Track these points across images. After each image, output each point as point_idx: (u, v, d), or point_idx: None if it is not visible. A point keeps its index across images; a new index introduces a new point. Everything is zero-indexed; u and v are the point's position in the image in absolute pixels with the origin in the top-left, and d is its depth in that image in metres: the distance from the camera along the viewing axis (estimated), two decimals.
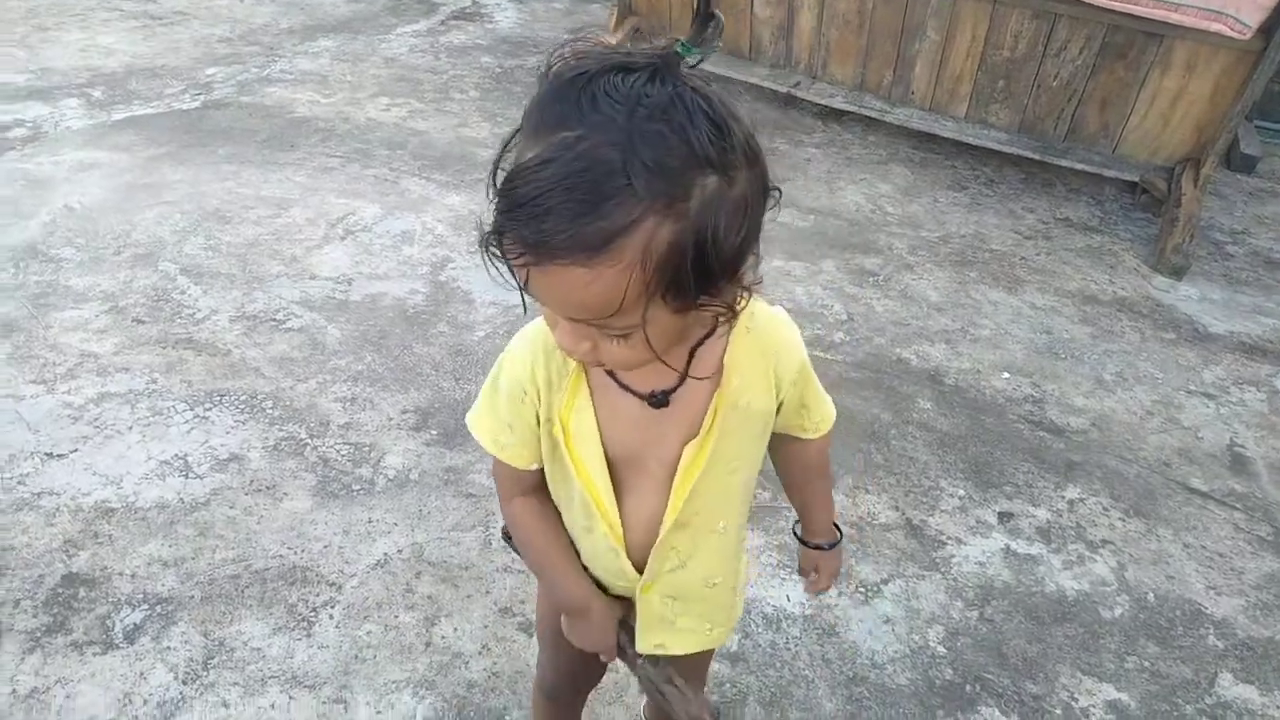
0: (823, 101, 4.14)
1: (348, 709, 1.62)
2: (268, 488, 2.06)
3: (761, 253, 0.81)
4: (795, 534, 1.26)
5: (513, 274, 0.75)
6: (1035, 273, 3.30)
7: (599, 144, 0.68)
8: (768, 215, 0.80)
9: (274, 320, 2.62)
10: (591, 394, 0.96)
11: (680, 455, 0.97)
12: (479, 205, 3.28)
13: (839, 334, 2.83)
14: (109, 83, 4.04)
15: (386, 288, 2.81)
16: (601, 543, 1.04)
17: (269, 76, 4.27)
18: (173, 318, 2.58)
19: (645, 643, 1.13)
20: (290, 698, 1.63)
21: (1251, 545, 2.22)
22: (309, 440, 2.21)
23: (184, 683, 1.64)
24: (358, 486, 2.09)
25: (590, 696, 1.54)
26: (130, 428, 2.18)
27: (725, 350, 0.94)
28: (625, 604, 1.13)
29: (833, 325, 2.87)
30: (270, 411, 2.28)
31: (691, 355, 0.92)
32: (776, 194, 0.79)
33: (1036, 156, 3.78)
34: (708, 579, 1.08)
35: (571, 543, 1.10)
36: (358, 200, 3.27)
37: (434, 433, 2.27)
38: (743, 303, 0.81)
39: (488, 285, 2.87)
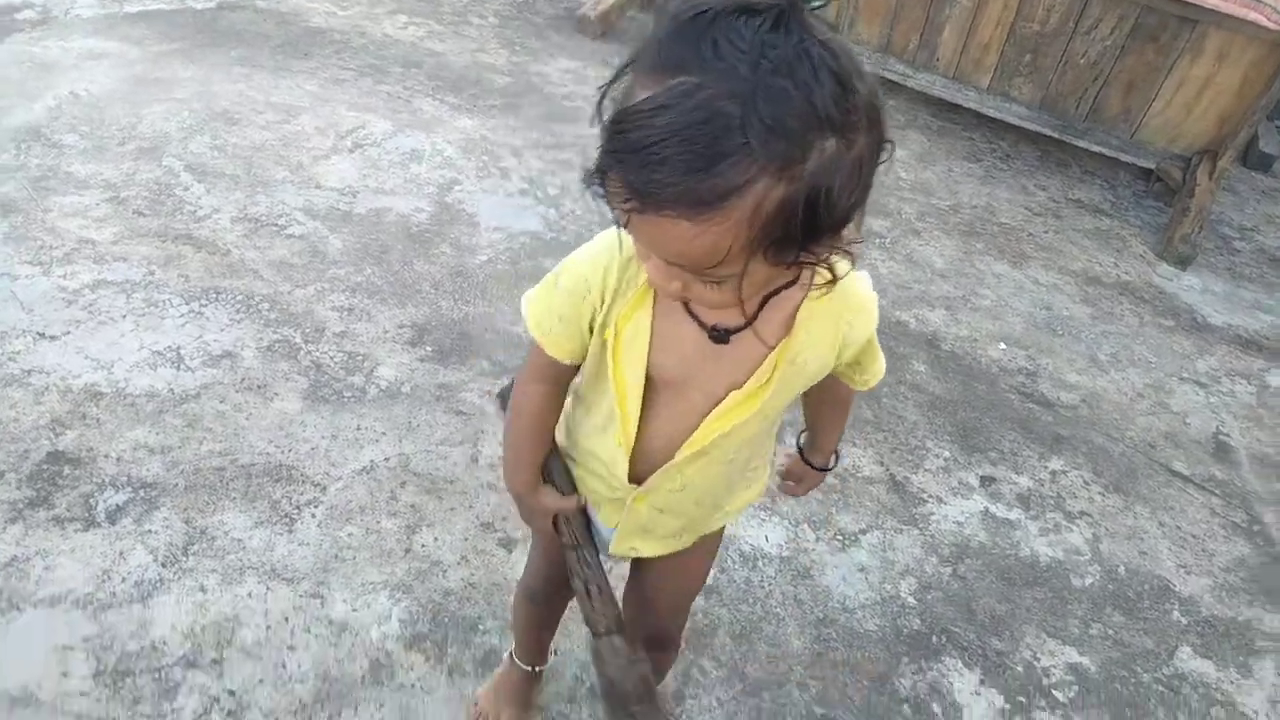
0: None
1: (324, 604, 1.64)
2: (259, 387, 2.07)
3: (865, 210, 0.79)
4: (798, 444, 1.29)
5: (613, 212, 0.73)
6: (1042, 249, 3.29)
7: (719, 95, 0.65)
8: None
9: (276, 225, 2.60)
10: (654, 311, 0.94)
11: (724, 395, 0.96)
12: (490, 131, 3.26)
13: None
14: None
15: (392, 203, 2.79)
16: (609, 449, 1.05)
17: None
18: (174, 213, 2.56)
19: (620, 546, 1.16)
20: (268, 588, 1.65)
21: (1225, 530, 2.24)
22: (303, 345, 2.20)
23: (163, 565, 1.65)
24: (349, 394, 2.09)
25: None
26: (124, 316, 2.17)
27: (800, 304, 0.92)
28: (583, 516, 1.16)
29: None
30: (266, 313, 2.27)
31: (766, 301, 0.90)
32: (889, 146, 0.76)
33: (1055, 135, 3.75)
34: (699, 500, 1.10)
35: (546, 436, 1.12)
36: (368, 114, 3.23)
37: (429, 349, 2.27)
38: (839, 262, 0.80)
39: (493, 211, 2.85)
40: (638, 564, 1.28)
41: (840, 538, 2.00)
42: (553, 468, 1.15)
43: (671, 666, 1.52)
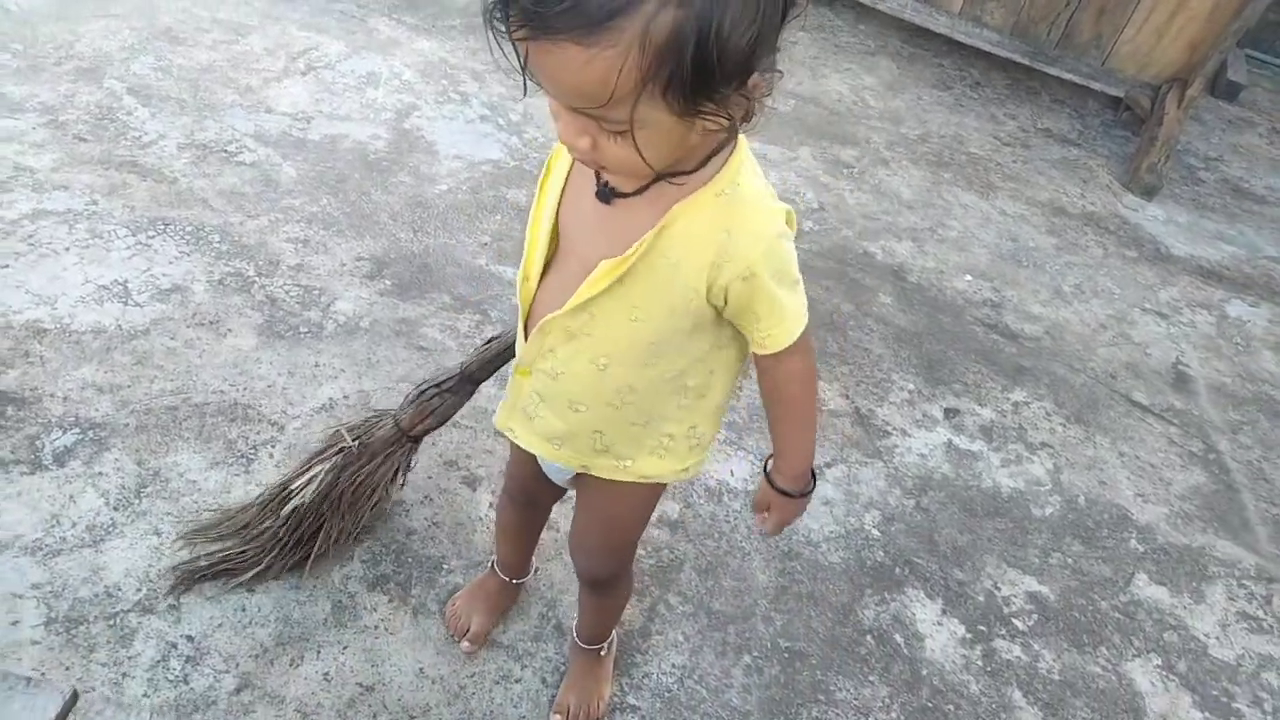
0: None
1: None
2: (211, 322, 2.00)
3: (775, 70, 0.77)
4: (764, 469, 1.13)
5: (516, 53, 0.72)
6: (1009, 179, 3.27)
7: None
8: (787, 35, 0.76)
9: (225, 152, 2.49)
10: (573, 165, 0.97)
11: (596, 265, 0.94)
12: (450, 53, 3.14)
13: (808, 222, 2.79)
14: None
15: (347, 129, 2.69)
16: (519, 301, 1.06)
17: None
18: (117, 138, 2.44)
19: (501, 418, 1.15)
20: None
21: (1182, 459, 2.28)
22: (256, 278, 2.13)
23: (115, 509, 1.61)
24: (305, 329, 2.04)
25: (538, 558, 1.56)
26: (67, 249, 2.08)
27: (693, 195, 0.89)
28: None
29: (803, 214, 2.82)
30: (217, 245, 2.19)
31: (659, 178, 0.87)
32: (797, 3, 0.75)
33: (1025, 62, 3.70)
34: (573, 402, 1.05)
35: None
36: (321, 35, 3.09)
37: (388, 283, 2.21)
38: (747, 114, 0.78)
39: (453, 138, 2.75)
40: (576, 504, 1.29)
41: None
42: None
43: (617, 610, 1.48)
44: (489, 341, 1.51)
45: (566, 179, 0.98)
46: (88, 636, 1.43)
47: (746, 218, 0.90)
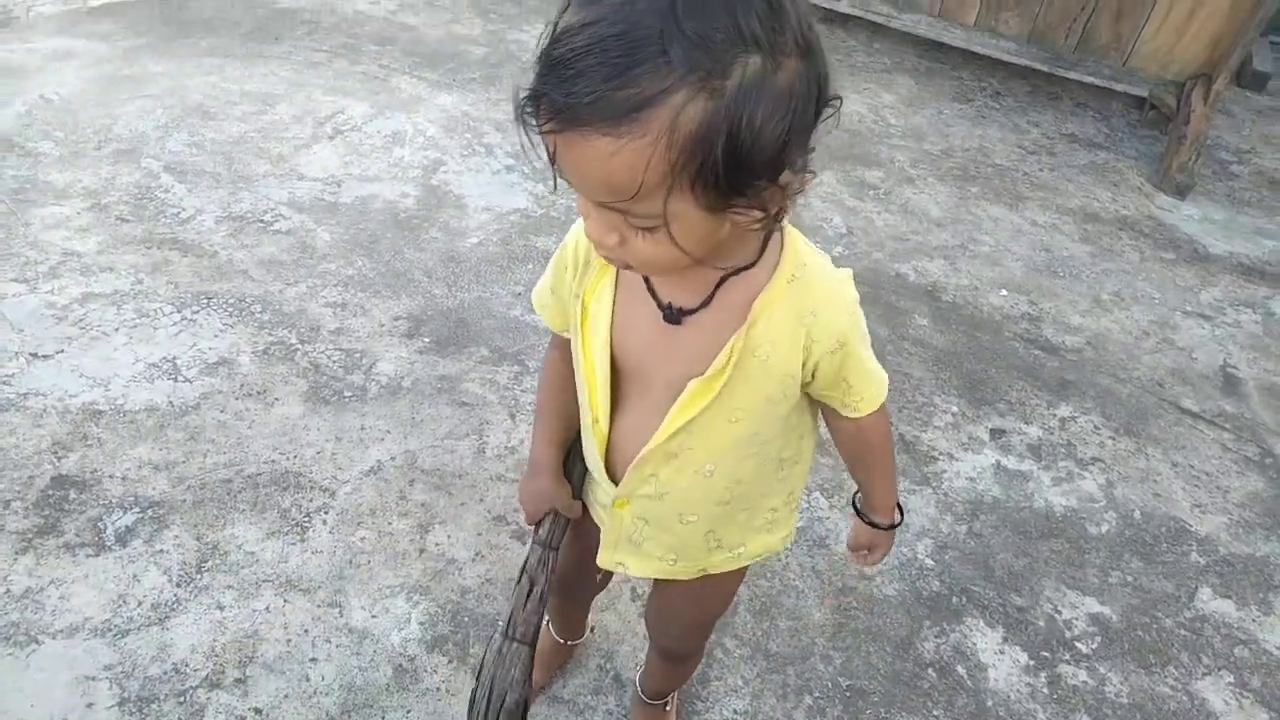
0: (828, 5, 4.00)
1: (342, 612, 1.64)
2: (258, 392, 2.04)
3: (810, 170, 0.76)
4: (855, 505, 1.18)
5: (547, 148, 0.72)
6: (1037, 189, 3.25)
7: (644, 10, 0.65)
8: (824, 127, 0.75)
9: (261, 221, 2.55)
10: (616, 288, 0.95)
11: (683, 386, 0.93)
12: (472, 106, 3.19)
13: (838, 248, 2.79)
14: None
15: (377, 190, 2.74)
16: (591, 444, 1.04)
17: None
18: (157, 216, 2.51)
19: (606, 557, 1.13)
20: (285, 600, 1.64)
21: (1238, 465, 2.24)
22: (299, 345, 2.18)
23: (178, 585, 1.64)
24: (349, 393, 2.07)
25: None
26: (117, 329, 2.14)
27: (760, 291, 0.88)
28: (587, 521, 1.14)
29: (832, 239, 2.83)
30: (259, 315, 2.24)
31: (722, 282, 0.88)
32: (836, 103, 0.75)
33: (1045, 68, 3.68)
34: (682, 515, 1.04)
35: (566, 409, 1.11)
36: (346, 98, 3.16)
37: (426, 340, 2.24)
38: (780, 212, 0.77)
39: (480, 190, 2.80)
40: (656, 583, 1.26)
41: None
42: (572, 469, 1.14)
43: (690, 673, 1.51)
44: (528, 592, 1.16)
45: (613, 307, 0.95)
46: (159, 715, 1.46)
47: (826, 294, 0.91)
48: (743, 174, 0.70)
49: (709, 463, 0.98)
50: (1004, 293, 2.72)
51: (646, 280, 0.91)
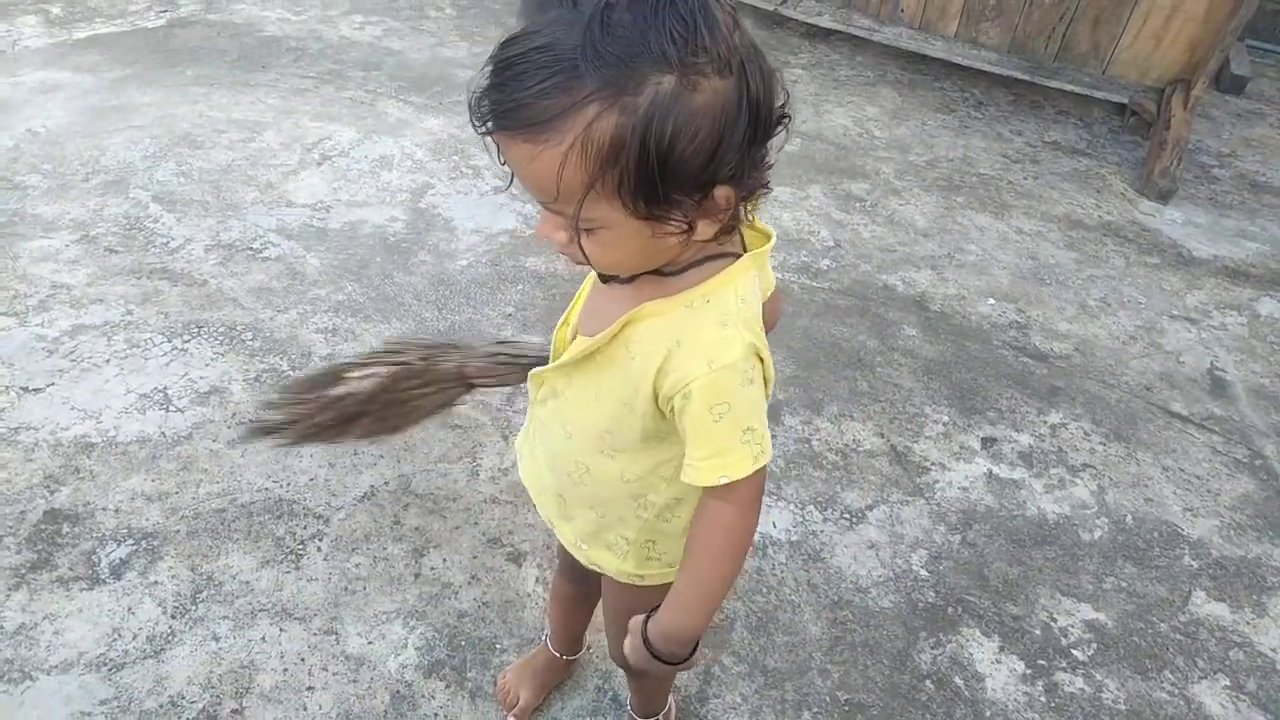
0: (809, 20, 4.04)
1: (339, 640, 1.63)
2: (250, 421, 2.04)
3: (763, 186, 0.80)
4: (643, 619, 0.99)
5: (497, 146, 0.77)
6: (1022, 197, 3.27)
7: (569, 26, 0.70)
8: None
9: (251, 249, 2.56)
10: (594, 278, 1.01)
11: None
12: (459, 129, 3.21)
13: (825, 260, 2.81)
14: None
15: (366, 215, 2.75)
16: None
17: None
18: (146, 247, 2.52)
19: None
20: (281, 629, 1.64)
21: (1228, 468, 2.25)
22: (291, 372, 2.18)
23: (173, 617, 1.64)
24: None
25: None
26: (107, 360, 2.14)
27: (659, 298, 0.87)
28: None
29: (819, 252, 2.84)
30: (250, 343, 2.25)
31: (655, 273, 0.87)
32: (785, 121, 0.78)
33: (1026, 78, 3.72)
34: (549, 457, 1.08)
35: None
36: (333, 124, 3.18)
37: None
38: (704, 230, 0.79)
39: (469, 212, 2.81)
40: None
41: (847, 516, 2.00)
42: None
43: (654, 697, 1.48)
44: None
45: (589, 288, 1.04)
46: None
47: (698, 336, 0.85)
48: (662, 187, 0.73)
49: (569, 423, 1.02)
50: (991, 301, 2.73)
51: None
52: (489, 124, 0.74)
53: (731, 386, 0.84)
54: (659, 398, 0.89)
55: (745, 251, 0.91)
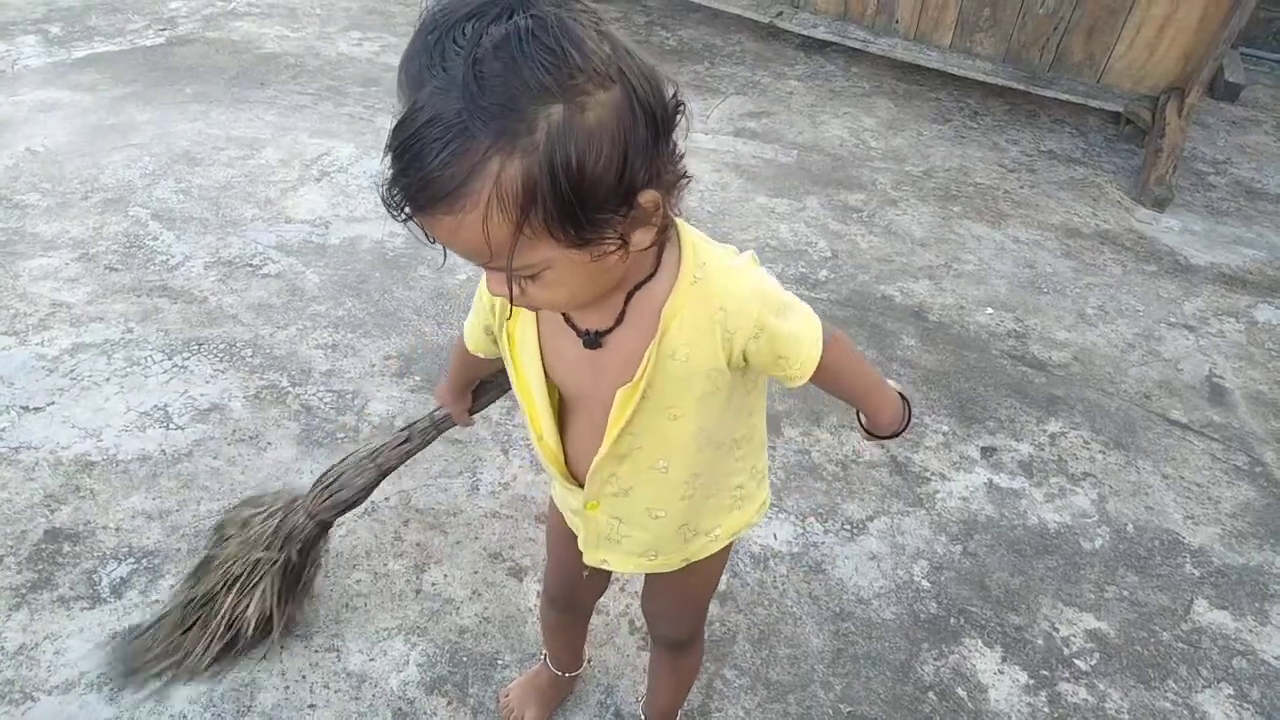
0: (805, 32, 4.06)
1: (340, 657, 1.63)
2: (251, 437, 2.04)
3: (681, 177, 0.81)
4: (860, 422, 1.18)
5: (422, 227, 0.77)
6: (1019, 206, 3.28)
7: (446, 92, 0.69)
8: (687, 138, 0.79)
9: (250, 266, 2.57)
10: (538, 320, 1.00)
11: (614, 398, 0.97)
12: None
13: (823, 271, 2.82)
14: (67, 18, 3.89)
15: (365, 230, 2.76)
16: (540, 452, 1.09)
17: (234, 10, 4.13)
18: (146, 264, 2.53)
19: (590, 556, 1.17)
20: (282, 647, 1.63)
21: (1228, 475, 2.25)
22: (290, 388, 2.18)
23: None
24: (342, 434, 2.08)
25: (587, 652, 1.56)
26: (107, 379, 2.15)
27: (667, 298, 0.91)
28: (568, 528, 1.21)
29: (817, 263, 2.85)
30: (250, 360, 2.25)
31: (629, 299, 0.91)
32: (680, 108, 0.78)
33: (1021, 87, 3.73)
34: (650, 510, 1.08)
35: (476, 368, 1.32)
36: (332, 140, 3.19)
37: (417, 379, 2.25)
38: (642, 239, 0.80)
39: None
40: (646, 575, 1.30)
41: (848, 527, 2.00)
42: (481, 391, 1.42)
43: (694, 672, 1.50)
44: (403, 441, 1.55)
45: (538, 335, 1.00)
46: None
47: (729, 287, 0.92)
48: (584, 212, 0.73)
49: (660, 459, 1.02)
50: (989, 311, 2.74)
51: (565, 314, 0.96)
52: (406, 209, 0.74)
53: (769, 290, 0.94)
54: (731, 360, 0.94)
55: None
